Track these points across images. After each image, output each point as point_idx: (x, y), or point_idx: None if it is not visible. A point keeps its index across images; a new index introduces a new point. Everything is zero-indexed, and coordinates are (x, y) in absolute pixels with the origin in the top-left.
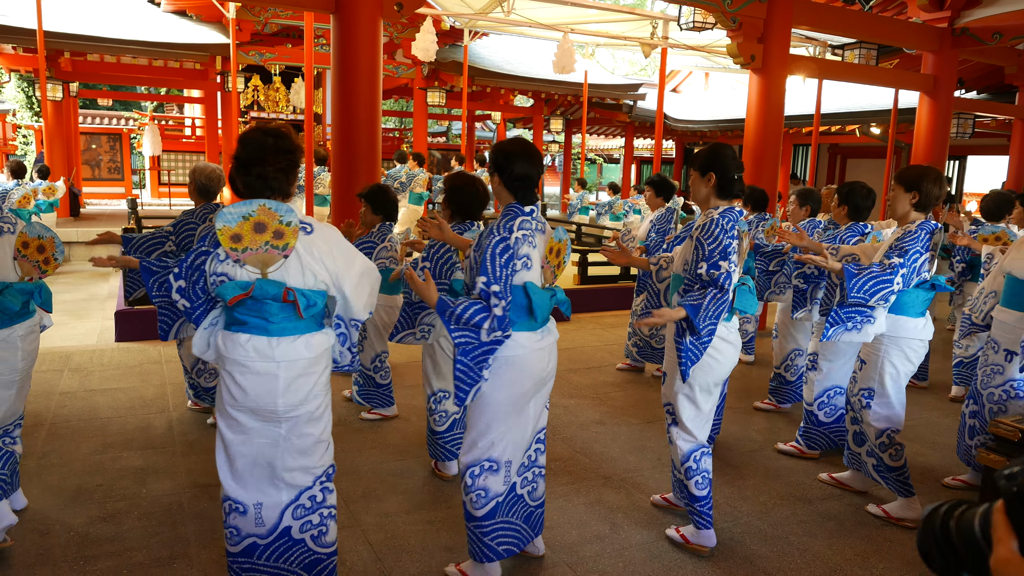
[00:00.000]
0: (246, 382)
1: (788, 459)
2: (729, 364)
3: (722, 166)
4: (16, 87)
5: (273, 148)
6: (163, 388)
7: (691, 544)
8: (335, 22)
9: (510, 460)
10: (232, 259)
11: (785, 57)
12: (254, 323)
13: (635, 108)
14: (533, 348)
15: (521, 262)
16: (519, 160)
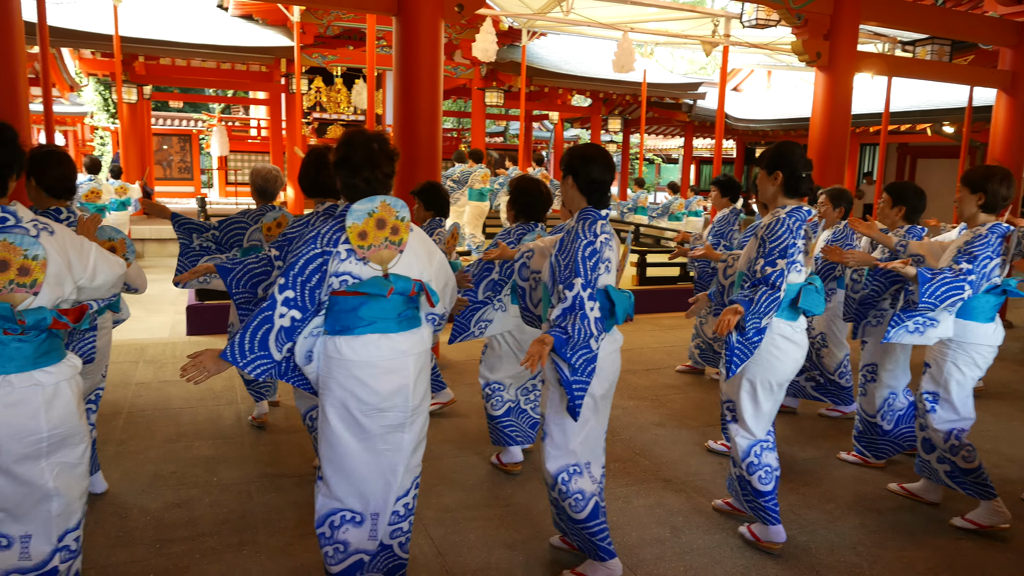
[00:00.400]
0: (380, 383)
1: (853, 467)
2: (793, 364)
3: (790, 164)
4: (94, 90)
5: (380, 153)
6: (231, 381)
7: (762, 542)
8: (397, 24)
9: (589, 462)
10: (357, 257)
11: (852, 54)
12: (382, 321)
13: (695, 107)
14: (609, 351)
15: (604, 265)
16: (595, 164)
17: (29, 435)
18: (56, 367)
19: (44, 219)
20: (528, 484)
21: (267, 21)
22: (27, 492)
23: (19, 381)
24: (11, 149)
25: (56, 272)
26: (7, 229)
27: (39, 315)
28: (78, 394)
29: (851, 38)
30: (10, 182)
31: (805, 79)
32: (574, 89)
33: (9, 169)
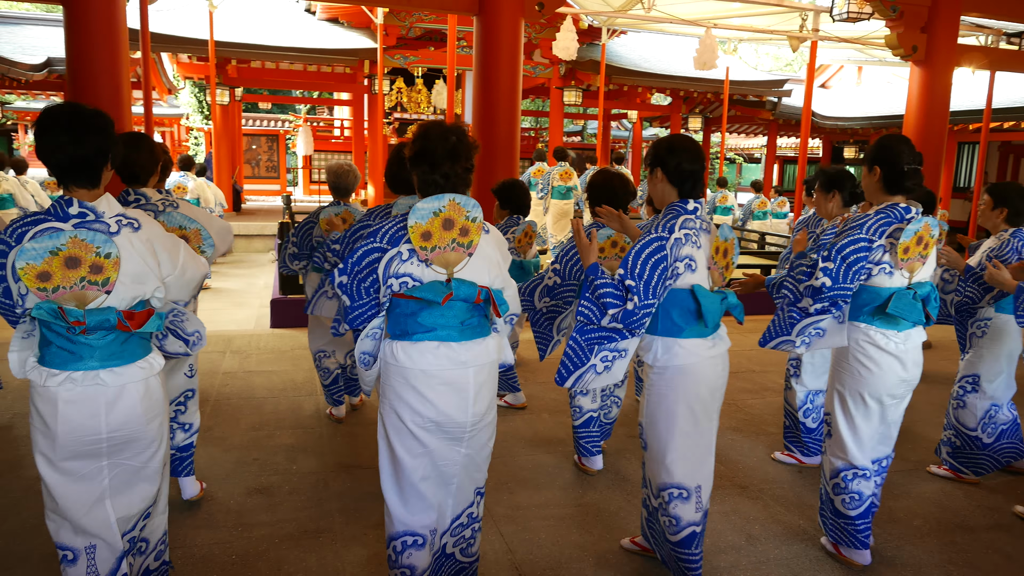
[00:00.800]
0: (435, 394)
1: (942, 482)
2: (894, 378)
3: (890, 158)
4: (190, 93)
5: (458, 146)
6: (312, 373)
7: (843, 555)
8: (478, 23)
9: (699, 485)
10: (420, 258)
11: (952, 47)
12: (443, 328)
13: (779, 105)
14: (705, 356)
15: (684, 264)
16: (684, 153)
17: (88, 434)
18: (126, 368)
19: (133, 214)
20: (599, 484)
21: (352, 24)
22: (83, 491)
23: (82, 379)
24: (105, 137)
25: (135, 270)
26: (84, 225)
27: (102, 316)
28: (152, 397)
29: (951, 31)
30: (104, 172)
31: (898, 74)
32: (653, 87)
33: (103, 158)
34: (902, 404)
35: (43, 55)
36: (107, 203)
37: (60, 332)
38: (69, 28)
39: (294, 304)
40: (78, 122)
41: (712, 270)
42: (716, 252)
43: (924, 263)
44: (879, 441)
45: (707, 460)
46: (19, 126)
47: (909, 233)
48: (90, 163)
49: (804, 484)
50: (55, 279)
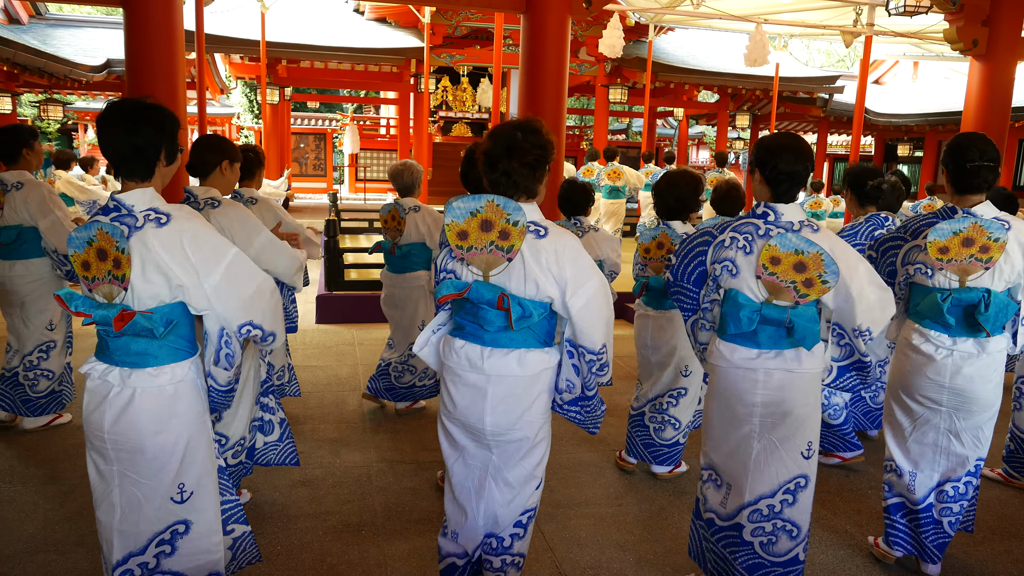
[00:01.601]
0: (457, 393)
1: (998, 488)
2: (918, 378)
3: (955, 155)
4: (241, 92)
5: (520, 143)
6: (355, 368)
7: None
8: (525, 21)
9: (730, 484)
10: (456, 257)
11: (1015, 41)
12: (470, 329)
13: (830, 102)
14: (740, 364)
15: (722, 266)
16: (784, 153)
17: (95, 429)
18: (135, 372)
19: (168, 208)
20: (640, 485)
21: (399, 23)
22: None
23: (99, 373)
24: (159, 129)
25: (151, 268)
26: (116, 219)
27: (105, 311)
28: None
29: (1015, 23)
30: (158, 166)
31: (957, 69)
32: (701, 85)
33: (154, 150)
34: (957, 419)
35: (103, 57)
36: (140, 196)
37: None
38: (129, 30)
39: (339, 300)
40: (133, 113)
41: (768, 280)
42: (772, 263)
43: (987, 268)
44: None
45: (741, 467)
46: (79, 125)
47: (942, 232)
48: (141, 153)
49: (854, 489)
50: (92, 269)
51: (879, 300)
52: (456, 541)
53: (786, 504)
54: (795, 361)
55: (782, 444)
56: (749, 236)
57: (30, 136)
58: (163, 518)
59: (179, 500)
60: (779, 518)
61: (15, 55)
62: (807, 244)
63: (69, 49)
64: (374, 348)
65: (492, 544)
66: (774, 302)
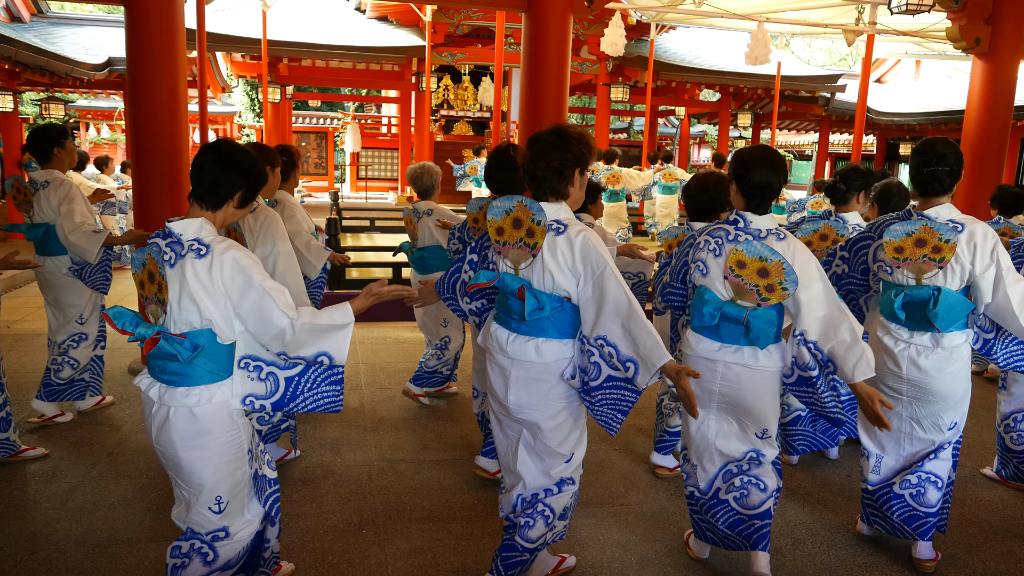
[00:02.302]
0: (491, 371)
1: (1000, 489)
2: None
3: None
4: (242, 91)
5: (549, 147)
6: (356, 367)
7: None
8: (526, 20)
9: (695, 464)
10: (496, 250)
11: (1018, 40)
12: (502, 316)
13: (832, 101)
14: (701, 354)
15: (695, 265)
16: (759, 166)
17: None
18: (170, 390)
19: (209, 240)
20: (642, 484)
21: (401, 22)
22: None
23: (144, 384)
24: (228, 170)
25: (185, 297)
26: (167, 245)
27: (143, 331)
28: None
29: (1018, 22)
30: (228, 204)
31: (959, 68)
32: (702, 83)
33: (220, 187)
34: (917, 407)
35: (104, 55)
36: (190, 226)
37: None
38: (130, 29)
39: (341, 299)
40: (214, 150)
41: (734, 282)
42: (738, 266)
43: (940, 268)
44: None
45: (702, 445)
46: (81, 123)
47: (896, 233)
48: (206, 187)
49: (854, 488)
50: (146, 289)
51: (827, 316)
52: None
53: (754, 463)
54: (752, 358)
55: (740, 425)
56: (720, 240)
57: (61, 135)
58: (204, 524)
59: (217, 511)
60: (745, 474)
61: (17, 53)
62: (770, 252)
63: (71, 47)
64: (376, 347)
65: (518, 504)
66: (738, 302)
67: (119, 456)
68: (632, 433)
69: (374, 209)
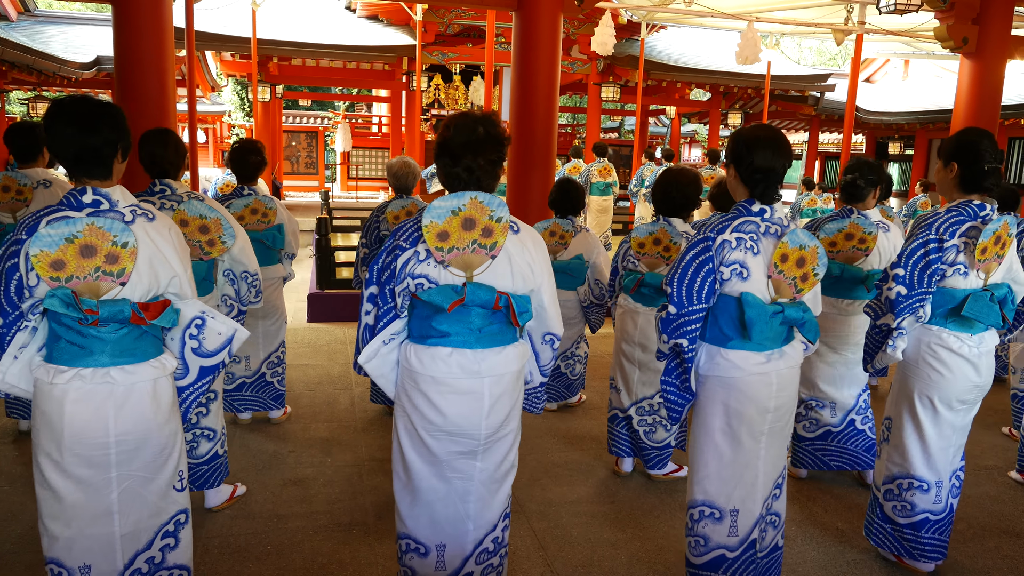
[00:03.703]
0: (446, 403)
1: (991, 485)
2: (965, 383)
3: (970, 154)
4: (232, 90)
5: (485, 137)
6: (347, 367)
7: (904, 562)
8: (517, 19)
9: (736, 509)
10: (436, 260)
11: (1005, 39)
12: (457, 334)
13: (822, 100)
14: (752, 371)
15: (731, 269)
16: (761, 148)
17: (95, 437)
18: (138, 366)
19: (147, 205)
20: (633, 483)
21: (391, 21)
22: (90, 501)
23: (92, 376)
24: (114, 127)
25: (151, 261)
26: (99, 213)
27: (116, 307)
28: (163, 399)
29: (1004, 21)
30: (115, 163)
31: (948, 68)
32: (693, 83)
33: (112, 148)
34: (972, 410)
35: (92, 54)
36: (121, 193)
37: (71, 325)
38: (117, 27)
39: (331, 299)
40: (86, 113)
41: (776, 279)
42: (782, 260)
43: (1000, 263)
44: (952, 453)
45: (749, 483)
46: None
47: (988, 233)
48: (99, 154)
49: (845, 485)
50: (69, 268)
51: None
52: (442, 565)
53: (775, 499)
54: (795, 356)
55: (780, 442)
56: (754, 236)
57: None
58: (167, 508)
59: (180, 488)
60: (772, 514)
61: (3, 52)
62: (809, 239)
63: (58, 46)
64: None
65: (488, 547)
66: (778, 300)
67: None
68: None
69: (365, 209)
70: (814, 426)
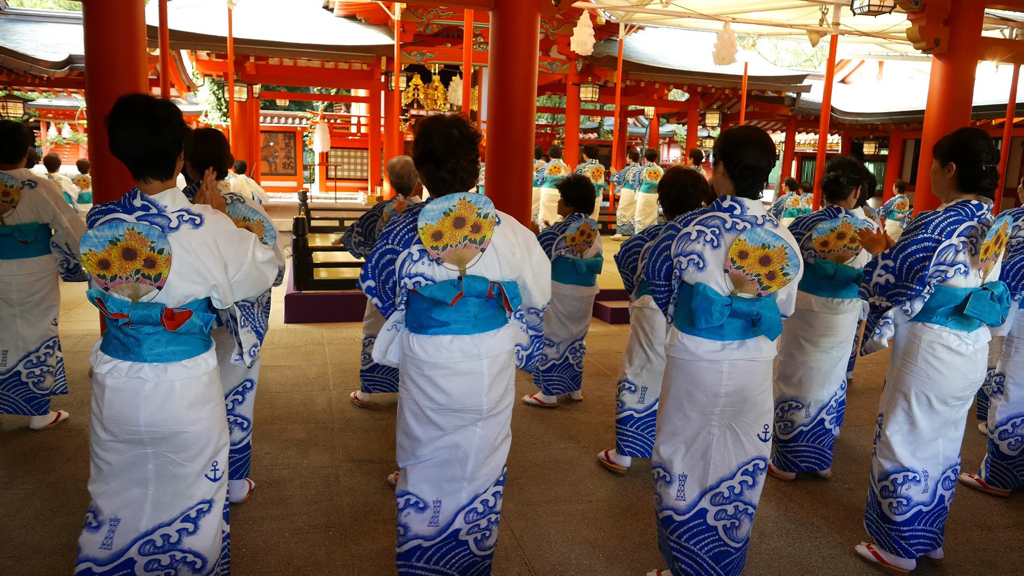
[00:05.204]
0: (450, 385)
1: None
2: (962, 380)
3: (969, 154)
4: (209, 90)
5: (462, 140)
6: (324, 368)
7: (887, 564)
8: (494, 18)
9: (684, 474)
10: (431, 258)
11: (976, 41)
12: (456, 323)
13: (798, 101)
14: (704, 357)
15: (688, 259)
16: (750, 148)
17: (127, 424)
18: (170, 365)
19: (199, 209)
20: (610, 481)
21: (370, 21)
22: (128, 471)
23: (127, 370)
24: (179, 126)
25: (189, 268)
26: (147, 218)
27: (146, 311)
28: (195, 398)
29: (975, 23)
30: (178, 161)
31: (920, 69)
32: (671, 83)
33: (178, 147)
34: (967, 405)
35: (65, 52)
36: (171, 197)
37: (112, 321)
38: (88, 25)
39: (308, 299)
40: (153, 113)
41: (734, 274)
42: (740, 256)
43: (996, 262)
44: (943, 445)
45: (698, 454)
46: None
47: (992, 233)
48: (166, 153)
49: (818, 482)
50: (113, 268)
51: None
52: (435, 520)
53: (746, 486)
54: (757, 350)
55: (742, 430)
56: (716, 230)
57: (31, 135)
58: (195, 494)
59: (213, 478)
60: (740, 500)
61: None
62: (773, 238)
63: (30, 44)
64: (343, 347)
65: (478, 508)
66: (738, 294)
67: (77, 461)
68: (601, 430)
69: (343, 209)
70: (788, 428)
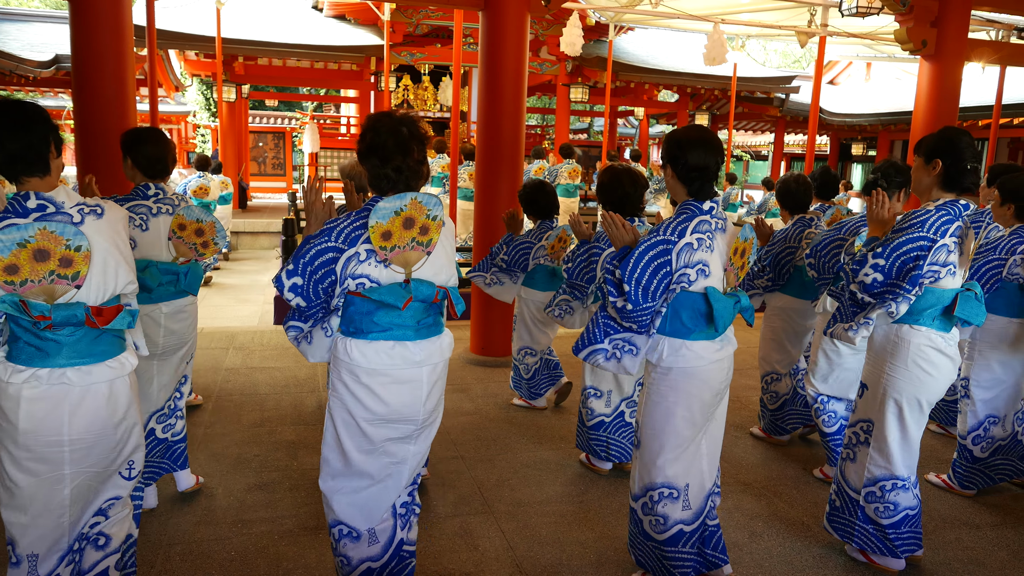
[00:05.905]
0: (388, 393)
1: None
2: (946, 380)
3: (954, 152)
4: (197, 90)
5: (410, 137)
6: (314, 369)
7: (876, 564)
8: (483, 18)
9: (688, 484)
10: (379, 259)
11: (962, 42)
12: (399, 328)
13: (787, 102)
14: (712, 359)
15: (695, 270)
16: (694, 148)
17: (50, 435)
18: (94, 367)
19: (94, 201)
20: (601, 482)
21: (359, 21)
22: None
23: (48, 377)
24: (44, 122)
25: (105, 262)
26: (47, 217)
27: (69, 311)
28: (119, 399)
29: (961, 25)
30: (51, 160)
31: (908, 70)
32: (660, 84)
33: (46, 144)
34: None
35: (51, 52)
36: (66, 194)
37: (26, 327)
38: (75, 24)
39: None
40: (12, 114)
41: (728, 271)
42: (735, 253)
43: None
44: (915, 452)
45: (699, 461)
46: None
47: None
48: (36, 150)
49: (808, 480)
50: (23, 272)
51: None
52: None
53: (718, 471)
54: (733, 339)
55: (719, 417)
56: (709, 234)
57: None
58: (109, 492)
59: (127, 476)
60: (716, 495)
61: None
62: (750, 231)
63: (16, 44)
64: None
65: (403, 512)
66: (732, 291)
67: None
68: None
69: None
70: (774, 399)
